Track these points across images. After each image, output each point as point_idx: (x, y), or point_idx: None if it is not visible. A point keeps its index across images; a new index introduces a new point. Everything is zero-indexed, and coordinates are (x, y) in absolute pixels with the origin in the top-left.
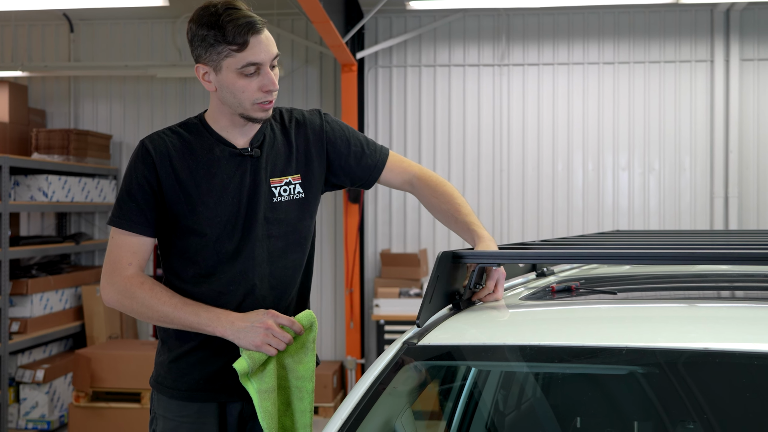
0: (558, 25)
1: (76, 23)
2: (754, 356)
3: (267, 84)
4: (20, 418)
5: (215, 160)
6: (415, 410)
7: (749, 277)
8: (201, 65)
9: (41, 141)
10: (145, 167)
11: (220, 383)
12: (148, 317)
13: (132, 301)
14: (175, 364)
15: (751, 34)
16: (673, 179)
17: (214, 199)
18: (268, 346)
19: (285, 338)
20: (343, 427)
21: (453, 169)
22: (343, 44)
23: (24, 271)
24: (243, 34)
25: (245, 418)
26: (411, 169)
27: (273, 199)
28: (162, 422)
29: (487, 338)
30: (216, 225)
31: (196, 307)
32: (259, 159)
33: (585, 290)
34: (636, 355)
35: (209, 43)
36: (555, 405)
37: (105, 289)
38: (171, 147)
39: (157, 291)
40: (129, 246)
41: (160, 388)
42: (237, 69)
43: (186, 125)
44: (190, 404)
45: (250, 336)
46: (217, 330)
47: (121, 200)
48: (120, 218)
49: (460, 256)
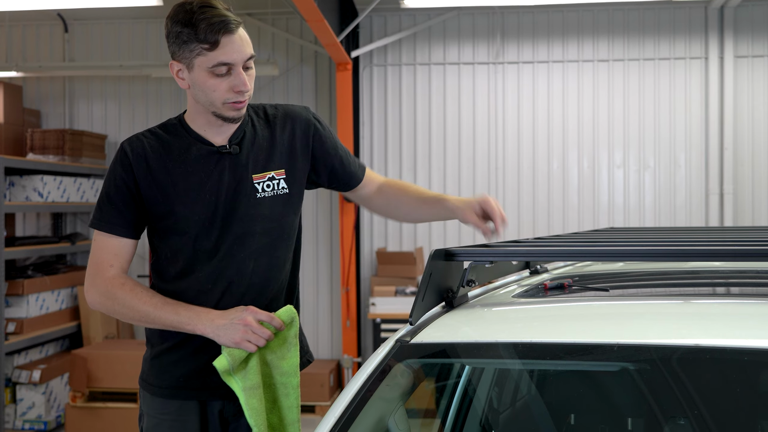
0: (552, 23)
1: (71, 23)
2: (745, 352)
3: (238, 85)
4: (17, 419)
5: (192, 159)
6: (408, 408)
7: (742, 274)
8: (175, 62)
9: (36, 141)
10: (123, 169)
11: (201, 381)
12: (130, 318)
13: (113, 302)
14: (157, 361)
15: (745, 31)
16: (668, 176)
17: (191, 198)
18: (247, 342)
19: (264, 334)
20: (335, 426)
21: (448, 167)
22: (337, 43)
23: (20, 272)
24: (215, 33)
25: (227, 418)
26: (380, 178)
27: (256, 195)
28: (146, 419)
29: (480, 335)
30: (194, 224)
31: (176, 306)
32: (239, 156)
33: (577, 287)
34: (628, 352)
35: (182, 41)
36: (548, 401)
37: (88, 292)
38: (148, 148)
39: (137, 291)
40: (110, 248)
41: (144, 385)
42: (208, 68)
43: (165, 126)
44: (171, 401)
45: (229, 333)
46: (197, 328)
47: (101, 203)
48: (100, 221)
49: (452, 253)
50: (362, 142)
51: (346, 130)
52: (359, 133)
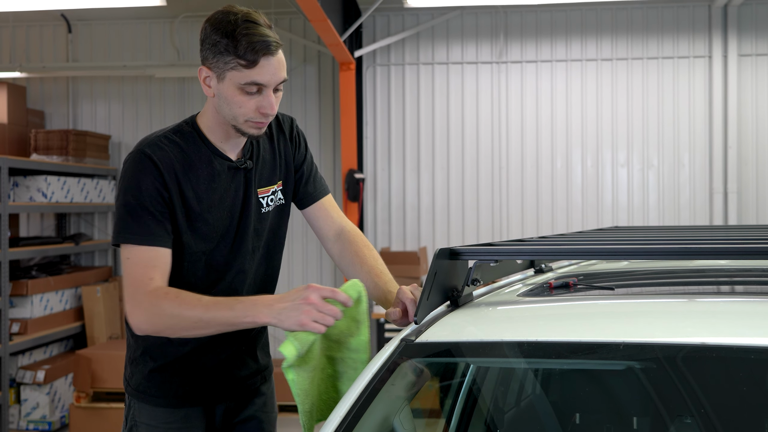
0: (556, 22)
1: (74, 24)
2: (751, 350)
3: (265, 106)
4: (21, 419)
5: (215, 174)
6: (414, 407)
7: (747, 272)
8: (205, 68)
9: (40, 142)
10: (154, 178)
11: (207, 387)
12: (181, 329)
13: (160, 317)
14: (159, 374)
15: (749, 29)
16: (672, 175)
17: (212, 214)
18: (313, 323)
19: (331, 312)
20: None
21: (452, 167)
22: (341, 43)
23: (24, 272)
24: (255, 52)
25: (231, 419)
26: (344, 221)
27: (261, 210)
28: (146, 430)
29: (485, 335)
30: (210, 240)
31: (227, 301)
32: (251, 171)
33: (583, 286)
34: (634, 350)
35: (219, 50)
36: (553, 401)
37: (132, 315)
38: (174, 158)
39: (183, 297)
40: (149, 261)
41: (142, 397)
42: (239, 84)
43: (181, 133)
44: (177, 410)
45: (293, 315)
46: (258, 317)
47: (131, 214)
48: (137, 234)
49: (457, 252)
50: (365, 142)
51: (350, 129)
52: (362, 133)
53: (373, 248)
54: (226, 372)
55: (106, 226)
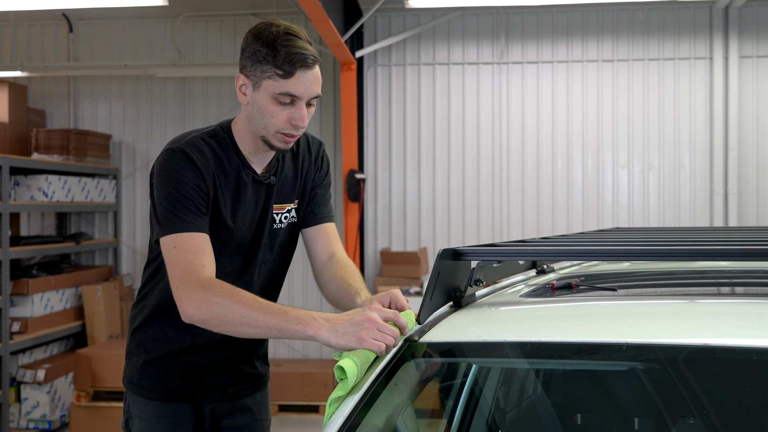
0: (557, 23)
1: (76, 23)
2: (753, 351)
3: (297, 118)
4: (21, 418)
5: (242, 184)
6: (417, 407)
7: (749, 274)
8: (242, 76)
9: (41, 141)
10: (195, 174)
11: (197, 384)
12: (227, 321)
13: (210, 305)
14: (152, 366)
15: (750, 31)
16: (672, 177)
17: (235, 223)
18: (373, 341)
19: (393, 333)
20: (345, 425)
21: (452, 167)
22: (342, 43)
23: (24, 271)
24: (293, 63)
25: (218, 416)
26: (340, 249)
27: (274, 226)
28: (138, 422)
29: (488, 335)
30: (227, 247)
31: (282, 306)
32: (272, 187)
33: (585, 287)
34: (636, 351)
35: (258, 59)
36: (556, 401)
37: (182, 300)
38: (210, 160)
39: (236, 290)
40: (199, 247)
41: (135, 389)
42: (274, 93)
43: (217, 137)
44: (167, 405)
45: (352, 330)
46: (312, 329)
47: (176, 204)
48: (184, 221)
49: (460, 253)
50: (366, 143)
51: (350, 130)
52: (363, 133)
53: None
54: (218, 374)
55: (107, 225)
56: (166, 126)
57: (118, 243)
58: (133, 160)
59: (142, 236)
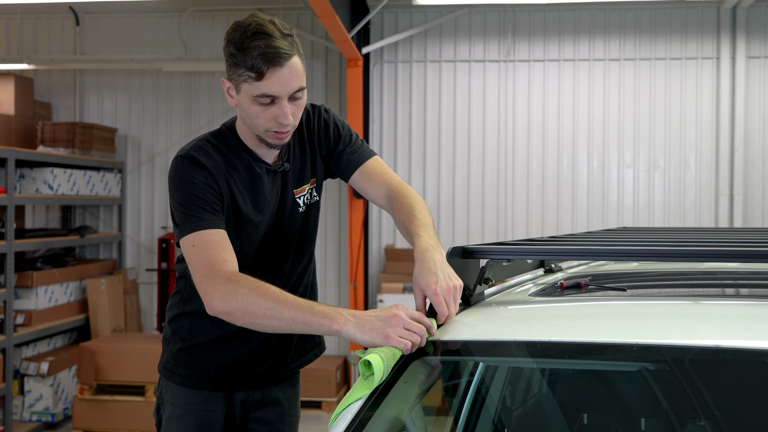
0: (564, 22)
1: (82, 16)
2: (763, 353)
3: (280, 116)
4: (25, 411)
5: (256, 178)
6: (425, 405)
7: (757, 275)
8: (226, 80)
9: (47, 134)
10: (205, 176)
11: (230, 373)
12: (252, 313)
13: (236, 296)
14: (187, 353)
15: (758, 31)
16: (678, 176)
17: (258, 217)
18: (398, 338)
19: (420, 331)
20: (353, 422)
21: (458, 165)
22: (348, 39)
23: (29, 264)
24: (262, 64)
25: (248, 407)
26: (391, 181)
27: (299, 210)
28: (169, 408)
29: (496, 334)
30: (254, 241)
31: (309, 301)
32: (288, 173)
33: (594, 287)
34: (646, 352)
35: (233, 63)
36: (564, 401)
37: (207, 294)
38: (219, 160)
39: (261, 283)
40: (218, 243)
41: (169, 375)
42: (252, 96)
43: (222, 137)
44: (199, 392)
45: (379, 325)
46: (338, 323)
47: (191, 206)
48: (200, 220)
49: (470, 251)
50: (372, 139)
51: (356, 126)
52: (369, 130)
53: (414, 198)
54: (251, 364)
55: (111, 218)
56: (172, 120)
57: (122, 237)
58: (138, 154)
59: (147, 230)
